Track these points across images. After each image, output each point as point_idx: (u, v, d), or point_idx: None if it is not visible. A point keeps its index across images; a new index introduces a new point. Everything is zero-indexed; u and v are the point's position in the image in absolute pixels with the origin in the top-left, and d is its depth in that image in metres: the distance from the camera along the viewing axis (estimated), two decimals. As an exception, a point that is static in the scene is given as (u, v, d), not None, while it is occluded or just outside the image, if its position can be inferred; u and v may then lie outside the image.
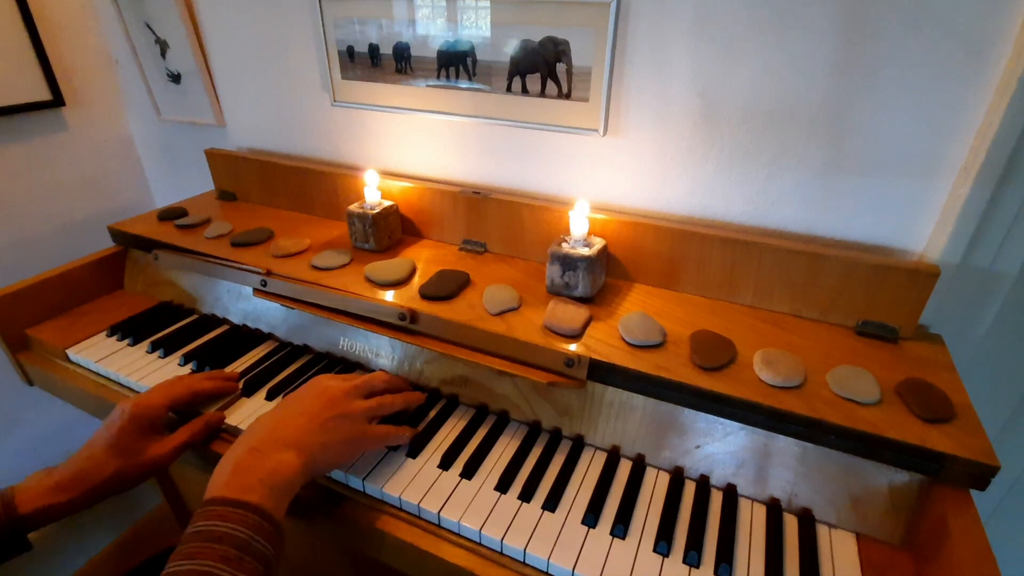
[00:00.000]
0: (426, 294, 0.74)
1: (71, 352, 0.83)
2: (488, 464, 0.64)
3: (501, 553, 0.56)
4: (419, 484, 0.61)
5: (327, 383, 0.62)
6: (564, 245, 0.74)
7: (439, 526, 0.58)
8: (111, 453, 0.60)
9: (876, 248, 0.71)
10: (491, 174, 0.91)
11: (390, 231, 0.89)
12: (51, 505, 0.57)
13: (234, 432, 0.69)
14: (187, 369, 0.79)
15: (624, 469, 0.63)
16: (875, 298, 0.67)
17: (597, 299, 0.75)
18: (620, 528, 0.56)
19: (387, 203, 0.89)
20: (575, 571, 0.52)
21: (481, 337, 0.68)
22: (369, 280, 0.79)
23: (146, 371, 0.79)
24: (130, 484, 0.61)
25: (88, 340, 0.86)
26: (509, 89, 0.81)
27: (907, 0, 0.59)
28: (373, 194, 0.88)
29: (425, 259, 0.86)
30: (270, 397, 0.73)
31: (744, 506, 0.59)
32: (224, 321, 0.90)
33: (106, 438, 0.60)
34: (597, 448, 0.66)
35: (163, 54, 1.11)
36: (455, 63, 0.84)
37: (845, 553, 0.55)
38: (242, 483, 0.48)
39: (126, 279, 1.01)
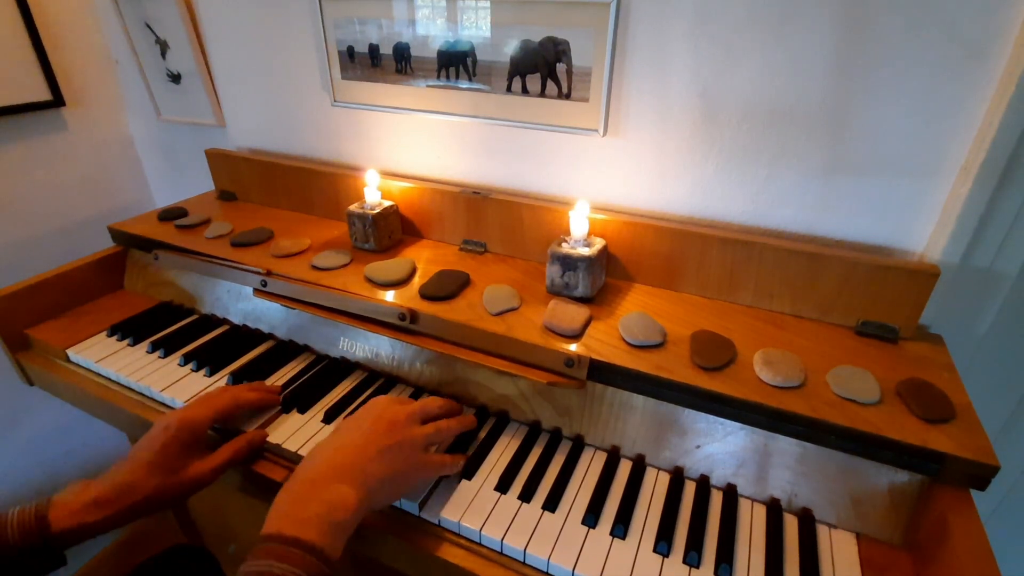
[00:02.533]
0: (426, 294, 0.74)
1: (71, 352, 0.83)
2: (488, 464, 0.64)
3: (501, 553, 0.56)
4: (419, 484, 0.60)
5: (385, 407, 0.59)
6: (564, 245, 0.74)
7: (439, 526, 0.58)
8: (152, 469, 0.57)
9: (876, 248, 0.71)
10: (491, 174, 0.91)
11: (390, 231, 0.89)
12: (86, 523, 0.54)
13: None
14: (187, 369, 0.79)
15: (624, 469, 0.63)
16: (875, 298, 0.67)
17: (597, 299, 0.75)
18: (620, 528, 0.56)
19: (387, 203, 0.89)
20: (575, 571, 0.52)
21: (481, 337, 0.68)
22: (369, 280, 0.79)
23: (146, 371, 0.79)
24: (169, 503, 0.59)
25: (88, 340, 0.86)
26: (509, 89, 0.81)
27: (907, 0, 0.59)
28: (373, 194, 0.88)
29: (425, 259, 0.86)
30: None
31: (744, 506, 0.59)
32: (224, 321, 0.90)
33: (148, 453, 0.58)
34: (597, 448, 0.66)
35: (163, 54, 1.11)
36: (455, 63, 0.84)
37: (845, 553, 0.55)
38: (301, 518, 0.47)
39: (126, 279, 1.01)
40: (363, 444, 0.55)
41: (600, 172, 0.82)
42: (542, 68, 0.78)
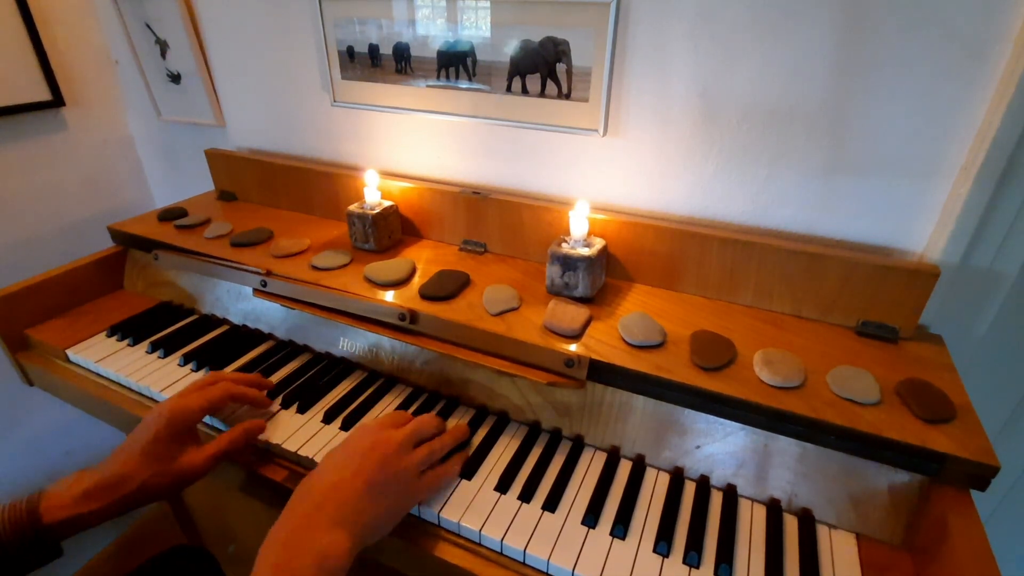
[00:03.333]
0: (426, 294, 0.74)
1: (71, 352, 0.83)
2: (488, 464, 0.64)
3: (501, 553, 0.56)
4: (419, 484, 0.60)
5: (376, 437, 0.57)
6: (564, 245, 0.74)
7: (439, 526, 0.58)
8: (144, 459, 0.57)
9: (876, 248, 0.71)
10: (491, 174, 0.91)
11: (390, 231, 0.89)
12: (78, 515, 0.54)
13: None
14: (187, 369, 0.79)
15: (624, 469, 0.63)
16: (875, 298, 0.67)
17: (597, 299, 0.75)
18: (620, 528, 0.56)
19: (387, 203, 0.89)
20: (575, 571, 0.52)
21: (481, 337, 0.68)
22: (369, 280, 0.79)
23: (146, 371, 0.79)
24: (163, 494, 0.58)
25: (88, 340, 0.86)
26: (509, 89, 0.81)
27: (907, 1, 0.59)
28: (373, 194, 0.88)
29: (425, 259, 0.86)
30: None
31: (744, 506, 0.59)
32: (224, 321, 0.90)
33: (140, 444, 0.57)
34: (597, 448, 0.66)
35: (163, 54, 1.11)
36: (455, 63, 0.84)
37: (845, 553, 0.55)
38: (292, 568, 0.46)
39: (126, 279, 1.01)
40: (355, 481, 0.52)
41: (600, 172, 0.82)
42: (542, 68, 0.78)
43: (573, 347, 0.65)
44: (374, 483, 0.53)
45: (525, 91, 0.80)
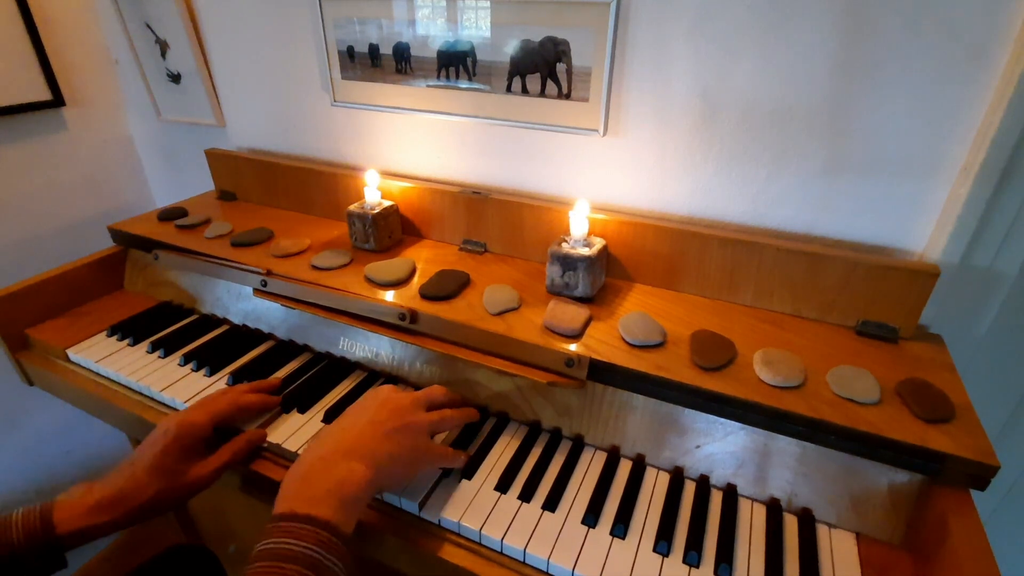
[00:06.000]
0: (426, 294, 0.74)
1: (71, 352, 0.83)
2: (488, 464, 0.64)
3: (501, 553, 0.56)
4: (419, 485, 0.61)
5: (389, 394, 0.60)
6: (564, 245, 0.74)
7: (439, 526, 0.58)
8: (153, 474, 0.58)
9: (876, 248, 0.71)
10: (491, 174, 0.91)
11: (390, 231, 0.89)
12: (89, 526, 0.55)
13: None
14: (187, 369, 0.79)
15: (624, 469, 0.63)
16: (875, 298, 0.67)
17: (597, 299, 0.75)
18: (620, 528, 0.56)
19: (387, 203, 0.89)
20: (575, 571, 0.52)
21: (481, 337, 0.68)
22: (369, 280, 0.79)
23: (146, 371, 0.79)
24: (170, 506, 0.59)
25: (88, 340, 0.86)
26: (509, 89, 0.81)
27: (907, 0, 0.59)
28: (373, 194, 0.88)
29: (425, 259, 0.86)
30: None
31: (744, 506, 0.59)
32: (224, 321, 0.90)
33: (149, 458, 0.58)
34: (597, 448, 0.66)
35: (163, 54, 1.11)
36: (455, 63, 0.84)
37: (845, 553, 0.55)
38: (312, 496, 0.48)
39: (126, 279, 1.01)
40: (370, 426, 0.55)
41: (600, 172, 0.82)
42: (542, 68, 0.78)
43: (573, 347, 0.65)
44: (387, 429, 0.55)
45: (525, 91, 0.80)
